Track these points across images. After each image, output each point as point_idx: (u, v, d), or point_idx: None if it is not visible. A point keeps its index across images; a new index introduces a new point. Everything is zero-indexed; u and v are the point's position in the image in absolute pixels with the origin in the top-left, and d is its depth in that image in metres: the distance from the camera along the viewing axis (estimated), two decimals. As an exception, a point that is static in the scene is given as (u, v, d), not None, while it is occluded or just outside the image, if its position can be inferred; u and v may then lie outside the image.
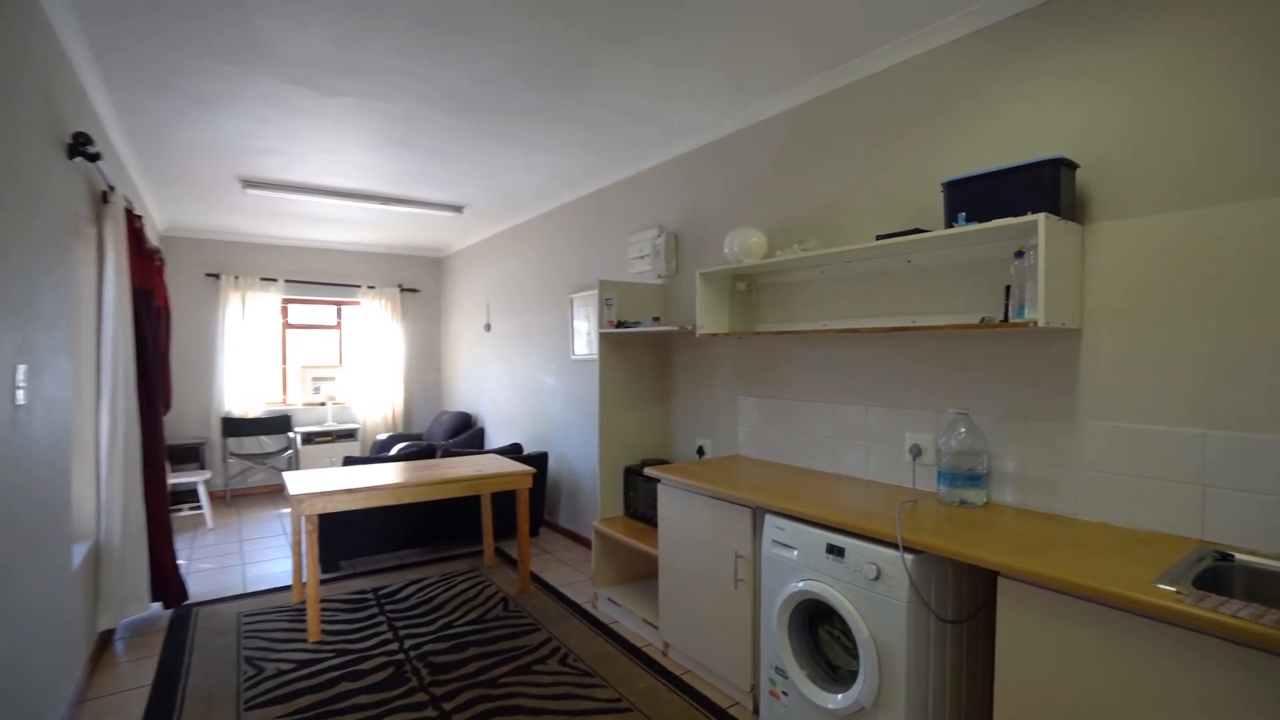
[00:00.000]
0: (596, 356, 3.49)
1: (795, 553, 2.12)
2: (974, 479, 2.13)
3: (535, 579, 3.87)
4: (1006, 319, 2.03)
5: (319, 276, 6.60)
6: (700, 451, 3.44)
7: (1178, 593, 1.37)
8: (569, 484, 4.73)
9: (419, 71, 2.66)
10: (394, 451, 5.08)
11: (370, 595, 3.60)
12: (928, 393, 2.38)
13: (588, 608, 3.44)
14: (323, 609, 3.40)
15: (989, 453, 2.18)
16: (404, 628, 3.16)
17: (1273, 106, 1.62)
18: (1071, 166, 1.90)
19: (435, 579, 3.85)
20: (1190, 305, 1.76)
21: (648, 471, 2.90)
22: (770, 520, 2.24)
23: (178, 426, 5.86)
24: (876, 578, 1.84)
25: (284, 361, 6.52)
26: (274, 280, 6.32)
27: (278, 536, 4.86)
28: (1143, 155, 1.84)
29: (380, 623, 3.23)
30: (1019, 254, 1.94)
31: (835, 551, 1.98)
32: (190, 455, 5.62)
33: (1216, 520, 1.71)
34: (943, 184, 2.12)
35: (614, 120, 3.19)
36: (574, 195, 4.53)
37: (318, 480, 3.27)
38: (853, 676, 1.98)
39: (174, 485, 4.79)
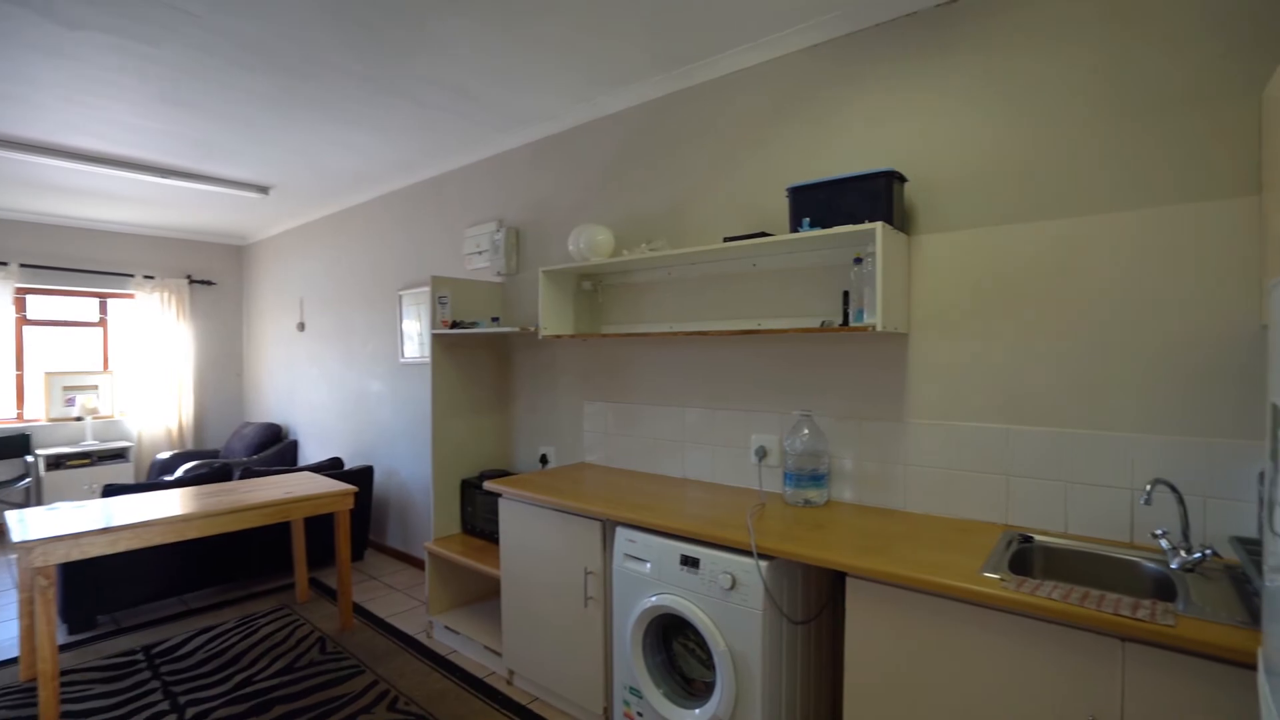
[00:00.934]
0: (429, 359, 3.15)
1: (649, 566, 2.02)
2: (816, 479, 2.18)
3: (359, 611, 3.42)
4: (846, 323, 2.10)
5: (73, 262, 5.36)
6: (544, 460, 3.25)
7: (1001, 580, 1.46)
8: (399, 501, 4.28)
9: (202, 12, 2.17)
10: (179, 474, 4.26)
11: (140, 657, 2.92)
12: (773, 395, 2.42)
13: (421, 639, 3.09)
14: (67, 686, 2.69)
15: (829, 453, 2.25)
16: (186, 693, 2.59)
17: (1064, 138, 1.82)
18: (902, 179, 2.00)
19: (232, 624, 3.24)
20: (994, 314, 1.93)
21: (487, 485, 2.66)
22: (621, 533, 2.12)
23: None
24: (731, 587, 1.80)
25: (19, 367, 5.20)
26: (2, 264, 5.02)
27: (7, 590, 3.83)
28: (960, 174, 1.99)
29: (152, 691, 2.62)
30: (858, 260, 2.02)
31: (690, 563, 1.91)
32: None
33: (1018, 506, 1.89)
34: (787, 189, 2.15)
35: (449, 100, 2.89)
36: (404, 182, 4.10)
37: (59, 519, 2.57)
38: (708, 688, 1.92)
39: None
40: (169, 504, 2.84)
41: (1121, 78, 1.73)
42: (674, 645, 2.08)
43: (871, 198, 1.95)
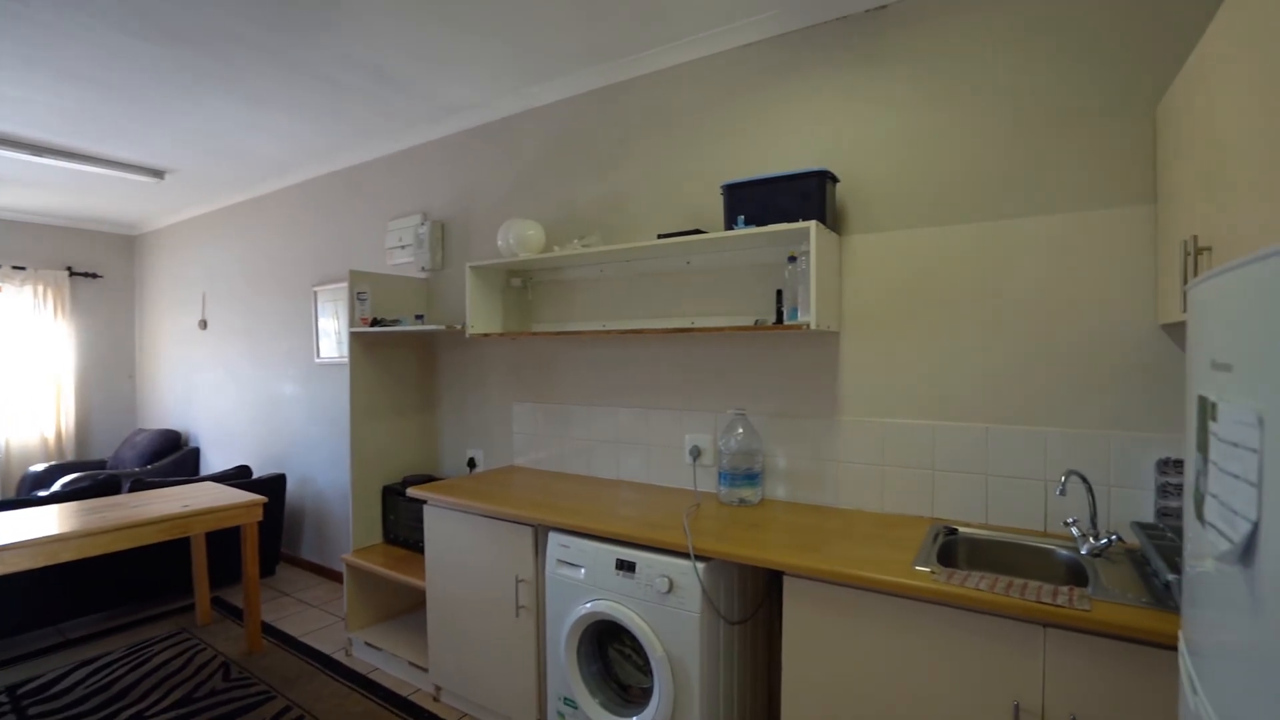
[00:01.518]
0: (348, 359, 2.96)
1: (583, 571, 1.95)
2: (751, 478, 2.18)
3: (270, 631, 3.17)
4: (780, 321, 2.11)
5: (-75, 251, 4.73)
6: (471, 464, 3.12)
7: (932, 573, 1.49)
8: (315, 510, 4.01)
9: (74, -29, 1.93)
10: (57, 488, 3.82)
11: (2, 698, 2.59)
12: (707, 395, 2.41)
13: (340, 657, 2.90)
14: (-88, 730, 2.34)
15: (764, 451, 2.26)
16: (60, 733, 2.31)
17: (984, 145, 1.89)
18: (834, 180, 2.03)
19: (119, 654, 2.93)
20: (920, 313, 1.99)
21: (411, 491, 2.51)
22: (554, 538, 2.04)
23: None
24: (669, 591, 1.76)
25: None
26: None
27: None
28: (888, 176, 2.04)
29: (19, 733, 2.32)
30: (792, 259, 2.03)
31: (626, 567, 1.86)
32: None
33: (943, 499, 1.96)
34: (722, 187, 2.13)
35: (367, 84, 2.72)
36: (320, 170, 3.84)
37: (-101, 544, 2.23)
38: (646, 695, 1.88)
39: None
40: (40, 522, 2.53)
41: (1034, 89, 1.82)
42: (610, 652, 2.02)
43: (805, 197, 1.96)
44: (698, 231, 2.17)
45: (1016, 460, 1.85)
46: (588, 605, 1.92)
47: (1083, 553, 1.63)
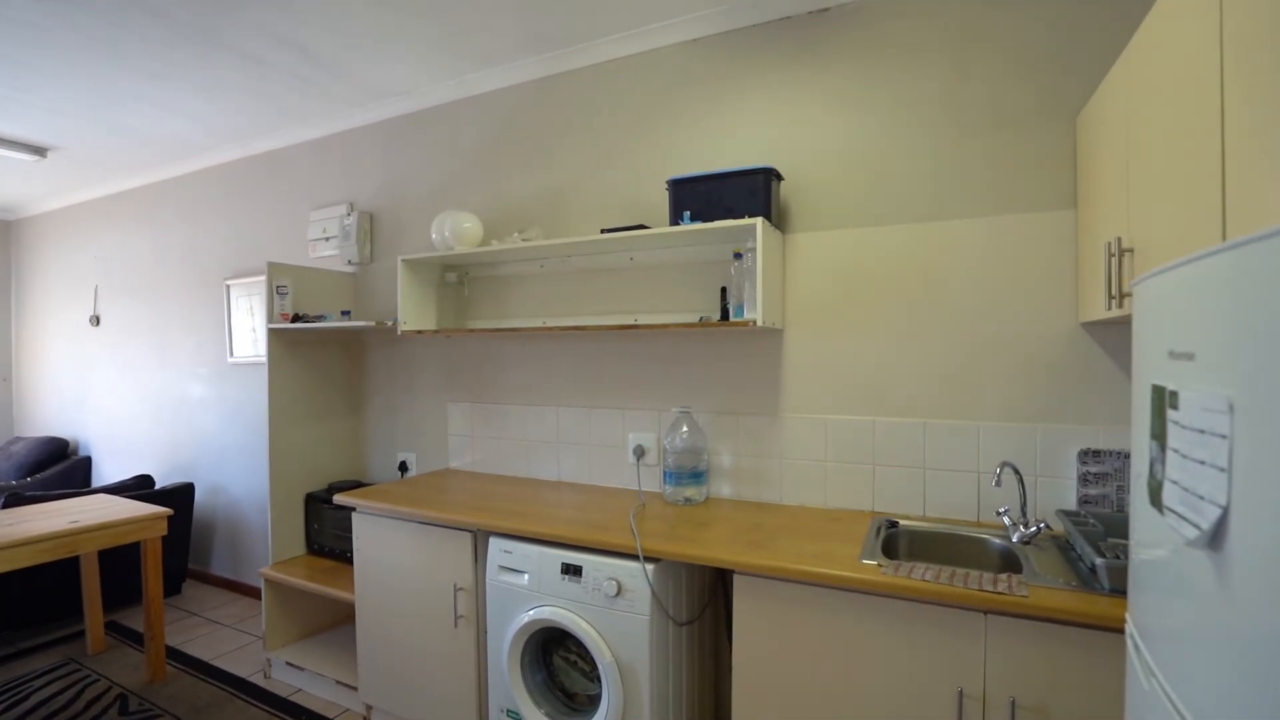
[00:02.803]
0: (266, 358, 2.75)
1: (526, 577, 1.88)
2: (696, 476, 2.17)
3: (176, 656, 2.90)
4: (726, 318, 2.10)
5: None
6: (403, 468, 2.97)
7: (879, 565, 1.51)
8: (228, 521, 3.71)
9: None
10: (-87, 505, 3.37)
11: None
12: (650, 393, 2.38)
13: (257, 680, 2.68)
14: None
15: (709, 449, 2.25)
16: (-82, 786, 2.02)
17: (921, 147, 1.95)
18: (779, 177, 2.04)
19: (-8, 689, 2.60)
20: (861, 311, 2.03)
21: (338, 498, 2.35)
22: (495, 543, 1.96)
23: None
24: (617, 594, 1.71)
25: None
26: None
27: None
28: (830, 176, 2.07)
29: None
30: (738, 255, 2.02)
31: (572, 571, 1.80)
32: None
33: (883, 493, 2.00)
34: (667, 182, 2.11)
35: (289, 61, 2.53)
36: (234, 154, 3.56)
37: None
38: (593, 702, 1.82)
39: None
40: (-106, 545, 2.21)
41: (966, 95, 1.89)
42: (554, 659, 1.95)
43: (751, 194, 1.96)
44: (641, 227, 2.14)
45: (951, 453, 1.91)
46: (532, 612, 1.85)
47: (1014, 541, 1.70)
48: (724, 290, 2.17)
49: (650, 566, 1.70)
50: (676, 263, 2.30)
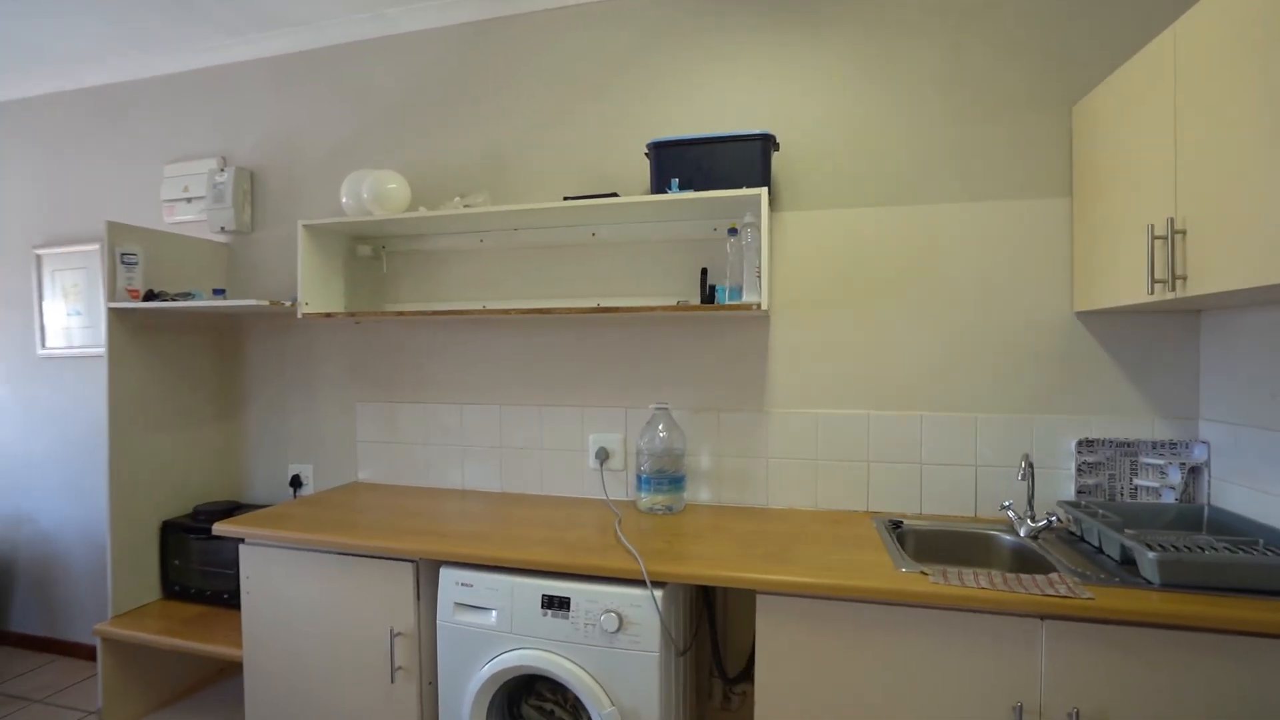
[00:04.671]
0: (100, 349, 2.11)
1: (494, 615, 1.52)
2: (675, 481, 1.91)
3: (-43, 750, 2.15)
4: (711, 301, 1.87)
5: None
6: (296, 484, 2.43)
7: (926, 575, 1.35)
8: (37, 562, 2.87)
9: None
10: None
11: None
12: (615, 388, 2.10)
13: (89, 771, 2.04)
14: None
15: (688, 450, 2.01)
16: None
17: (917, 127, 1.85)
18: (776, 146, 1.84)
19: None
20: (854, 297, 1.89)
21: (218, 528, 1.82)
22: (449, 575, 1.58)
23: None
24: (619, 629, 1.42)
25: None
26: None
27: None
28: (822, 151, 1.91)
29: None
30: (733, 231, 1.80)
31: (557, 604, 1.47)
32: None
33: (877, 491, 1.88)
34: (649, 145, 1.84)
35: (143, -39, 1.95)
36: (52, 86, 2.76)
37: None
38: (577, 759, 1.51)
39: None
40: None
41: (964, 75, 1.81)
42: (523, 710, 1.61)
43: (748, 162, 1.75)
44: (613, 195, 1.86)
45: (948, 447, 1.83)
46: (503, 658, 1.50)
47: (1021, 535, 1.63)
48: (704, 271, 1.94)
49: (659, 593, 1.42)
50: (649, 239, 2.04)
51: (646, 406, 2.06)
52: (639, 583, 1.44)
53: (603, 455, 2.08)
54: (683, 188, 1.78)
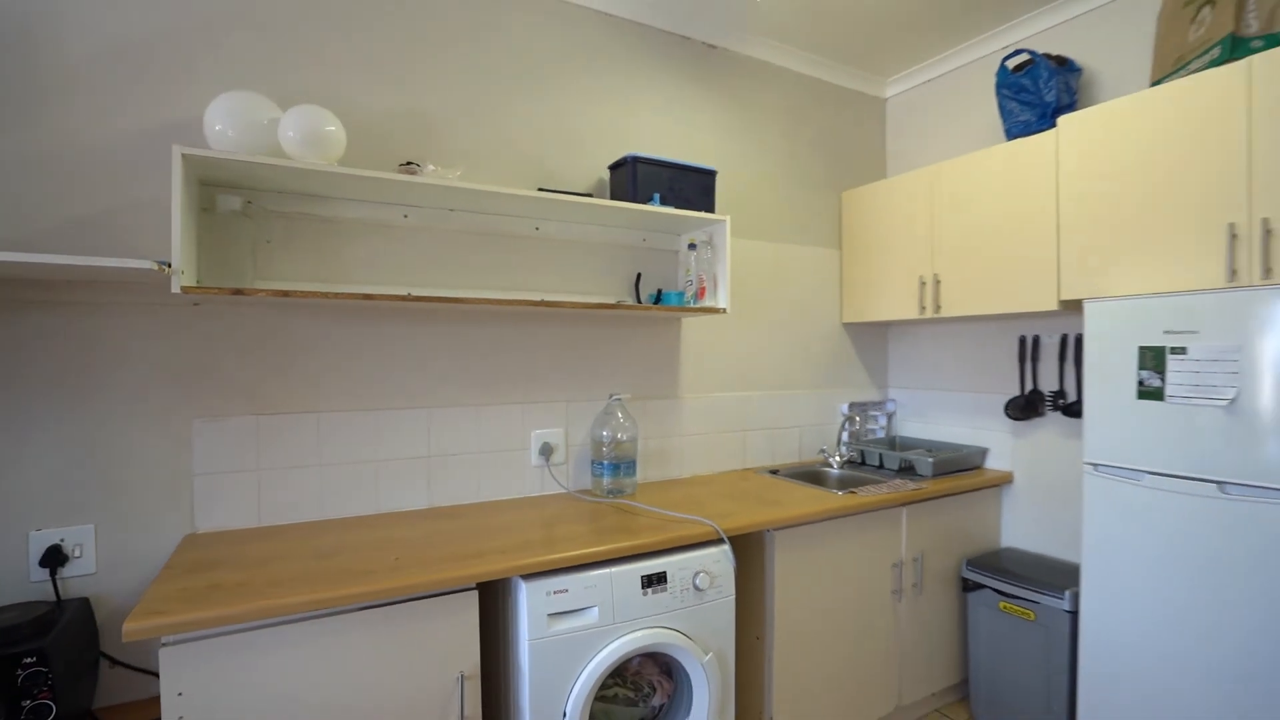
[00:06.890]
0: None
1: (595, 611, 1.51)
2: (630, 465, 2.11)
3: None
4: (658, 301, 2.15)
5: None
6: (55, 563, 1.48)
7: (856, 493, 2.05)
8: None
9: None
10: None
11: None
12: (553, 384, 2.11)
13: None
14: None
15: (639, 435, 2.20)
16: None
17: (770, 181, 2.54)
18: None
19: None
20: (735, 305, 2.47)
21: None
22: (533, 588, 1.45)
23: None
24: (709, 586, 1.64)
25: None
26: None
27: None
28: (723, 193, 2.41)
29: None
30: (692, 245, 2.13)
31: (655, 581, 1.58)
32: None
33: (749, 453, 2.51)
34: (629, 158, 1.99)
35: None
36: None
37: None
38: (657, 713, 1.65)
39: None
40: None
41: (792, 154, 2.61)
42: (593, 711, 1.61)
43: (705, 191, 2.12)
44: (588, 195, 1.94)
45: (787, 414, 2.60)
46: (604, 653, 1.50)
47: (835, 466, 2.52)
48: (639, 276, 2.20)
49: (728, 547, 1.71)
50: (591, 241, 2.14)
51: (587, 400, 2.15)
52: (711, 542, 1.68)
53: (546, 450, 2.07)
54: (663, 203, 2.01)
